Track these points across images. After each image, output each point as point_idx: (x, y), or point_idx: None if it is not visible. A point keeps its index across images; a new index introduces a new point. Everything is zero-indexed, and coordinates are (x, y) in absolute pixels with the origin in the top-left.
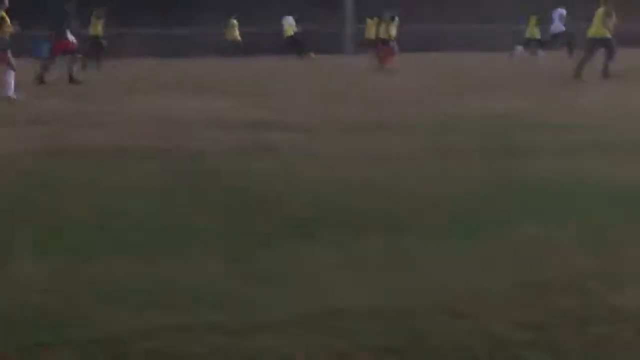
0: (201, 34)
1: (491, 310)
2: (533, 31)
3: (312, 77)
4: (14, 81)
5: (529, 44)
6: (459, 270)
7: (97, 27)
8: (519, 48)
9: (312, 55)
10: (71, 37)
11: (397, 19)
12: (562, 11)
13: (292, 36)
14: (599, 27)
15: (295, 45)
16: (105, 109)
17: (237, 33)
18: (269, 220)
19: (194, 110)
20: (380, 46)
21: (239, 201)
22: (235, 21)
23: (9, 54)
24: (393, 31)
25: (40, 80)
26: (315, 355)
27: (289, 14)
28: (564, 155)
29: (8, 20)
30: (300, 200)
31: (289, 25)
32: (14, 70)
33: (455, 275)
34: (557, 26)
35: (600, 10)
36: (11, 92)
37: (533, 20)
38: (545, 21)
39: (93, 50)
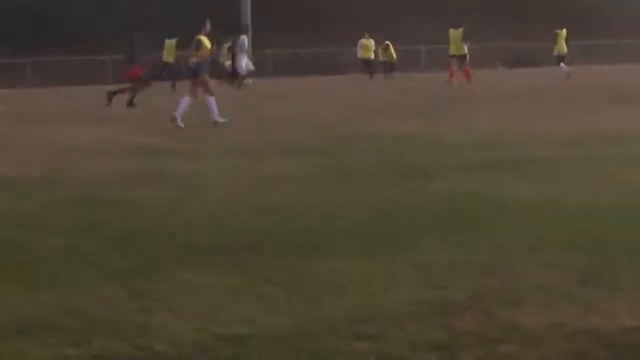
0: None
1: (391, 331)
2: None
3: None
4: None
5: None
6: (359, 291)
7: None
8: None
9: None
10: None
11: None
12: None
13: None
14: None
15: None
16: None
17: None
18: (163, 247)
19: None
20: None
21: (129, 228)
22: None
23: (206, 79)
24: None
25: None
26: None
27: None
28: (456, 173)
29: (207, 43)
30: (192, 226)
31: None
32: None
33: (355, 296)
34: None
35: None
36: (216, 116)
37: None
38: None
39: None
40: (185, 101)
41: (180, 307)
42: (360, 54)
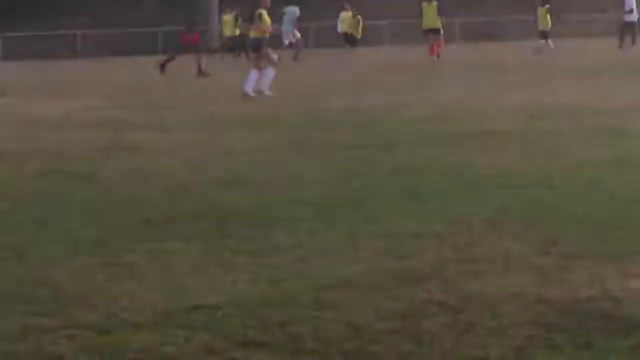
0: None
1: (355, 300)
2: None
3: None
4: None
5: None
6: (322, 261)
7: None
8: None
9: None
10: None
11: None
12: None
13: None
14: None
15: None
16: None
17: None
18: (130, 219)
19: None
20: None
21: (100, 201)
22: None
23: (267, 51)
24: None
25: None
26: (185, 349)
27: None
28: (418, 145)
29: (268, 19)
30: (158, 198)
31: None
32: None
33: (318, 266)
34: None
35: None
36: (266, 89)
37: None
38: None
39: None
40: (252, 74)
41: (148, 277)
42: (342, 28)
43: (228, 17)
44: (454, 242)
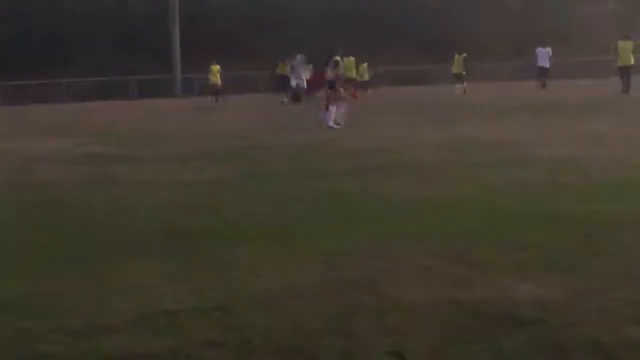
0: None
1: (299, 305)
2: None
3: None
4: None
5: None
6: (273, 273)
7: None
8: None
9: None
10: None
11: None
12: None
13: None
14: None
15: None
16: None
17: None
18: (106, 238)
19: (40, 149)
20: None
21: (83, 224)
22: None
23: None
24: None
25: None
26: (154, 350)
27: None
28: (352, 174)
29: (342, 65)
30: (133, 221)
31: None
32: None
33: (270, 278)
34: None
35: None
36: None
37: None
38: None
39: None
40: (331, 110)
41: (122, 288)
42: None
43: (215, 67)
44: (382, 255)
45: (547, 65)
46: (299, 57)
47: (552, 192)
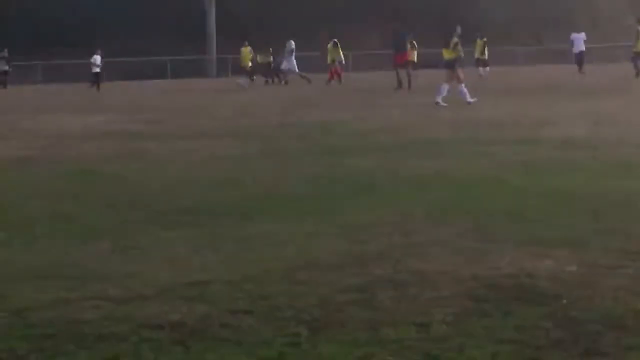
0: None
1: (321, 277)
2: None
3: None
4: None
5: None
6: (295, 246)
7: None
8: None
9: None
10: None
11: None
12: None
13: None
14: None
15: None
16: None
17: None
18: (136, 210)
19: (76, 125)
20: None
21: (114, 196)
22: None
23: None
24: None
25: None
26: (186, 316)
27: None
28: (369, 152)
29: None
30: (161, 194)
31: None
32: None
33: (291, 250)
34: None
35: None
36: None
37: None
38: None
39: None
40: (445, 87)
41: (154, 258)
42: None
43: (246, 49)
44: (400, 229)
45: (584, 49)
46: (291, 43)
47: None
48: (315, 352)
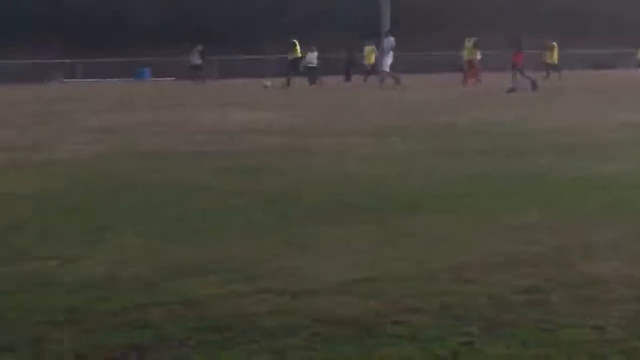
0: None
1: (490, 277)
2: None
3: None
4: None
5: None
6: (463, 243)
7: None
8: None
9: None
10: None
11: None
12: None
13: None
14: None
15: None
16: (173, 120)
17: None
18: (302, 206)
19: (240, 121)
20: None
21: (275, 190)
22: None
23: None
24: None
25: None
26: (359, 314)
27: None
28: (543, 152)
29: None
30: (329, 189)
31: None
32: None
33: (459, 248)
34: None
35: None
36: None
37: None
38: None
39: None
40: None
41: (321, 254)
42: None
43: (369, 48)
44: (569, 232)
45: None
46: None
47: None
48: (489, 351)
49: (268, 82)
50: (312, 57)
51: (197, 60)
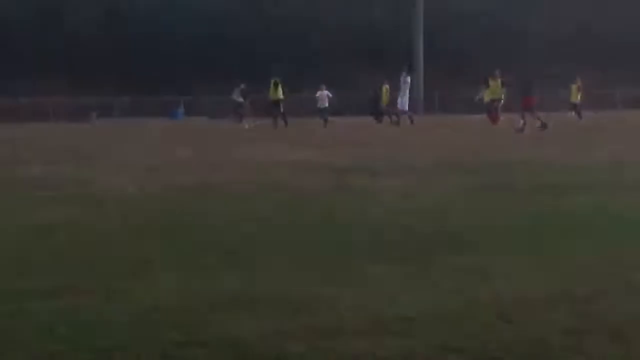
0: None
1: (529, 315)
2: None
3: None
4: None
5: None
6: (505, 280)
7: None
8: None
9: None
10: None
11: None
12: None
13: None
14: None
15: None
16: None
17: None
18: (344, 242)
19: (284, 158)
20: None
21: (327, 227)
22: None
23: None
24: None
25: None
26: (393, 353)
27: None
28: (585, 190)
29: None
30: (370, 226)
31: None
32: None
33: (500, 284)
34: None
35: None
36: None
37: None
38: None
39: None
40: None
41: (363, 292)
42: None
43: (385, 88)
44: (613, 271)
45: None
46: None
47: None
48: None
49: (247, 125)
50: (323, 95)
51: (238, 97)
